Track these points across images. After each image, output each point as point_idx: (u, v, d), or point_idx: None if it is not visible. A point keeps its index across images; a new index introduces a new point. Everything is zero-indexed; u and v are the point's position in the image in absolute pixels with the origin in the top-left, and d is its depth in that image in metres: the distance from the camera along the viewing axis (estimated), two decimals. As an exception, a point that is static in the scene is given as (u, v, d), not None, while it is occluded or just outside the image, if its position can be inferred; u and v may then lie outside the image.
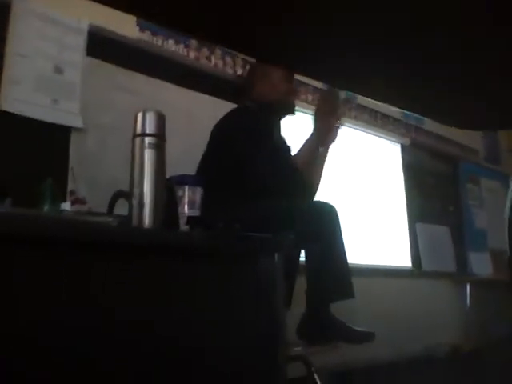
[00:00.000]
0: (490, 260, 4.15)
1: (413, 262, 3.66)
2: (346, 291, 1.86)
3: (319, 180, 2.13)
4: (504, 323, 3.44)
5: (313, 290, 1.83)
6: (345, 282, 1.86)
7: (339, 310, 1.90)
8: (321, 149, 2.08)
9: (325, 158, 2.12)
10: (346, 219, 1.98)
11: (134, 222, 1.21)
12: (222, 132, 2.01)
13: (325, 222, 1.84)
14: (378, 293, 3.04)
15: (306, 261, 1.88)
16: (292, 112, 2.16)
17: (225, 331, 1.24)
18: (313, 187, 2.09)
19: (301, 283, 1.87)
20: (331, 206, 1.89)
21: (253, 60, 2.56)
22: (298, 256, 1.97)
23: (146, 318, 1.11)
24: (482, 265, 4.08)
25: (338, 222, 1.88)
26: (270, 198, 1.83)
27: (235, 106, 2.24)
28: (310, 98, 3.16)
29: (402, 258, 3.64)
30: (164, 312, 1.14)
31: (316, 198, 2.02)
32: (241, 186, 1.86)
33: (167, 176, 1.35)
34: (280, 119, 2.16)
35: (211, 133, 2.05)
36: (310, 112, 2.99)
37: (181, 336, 1.17)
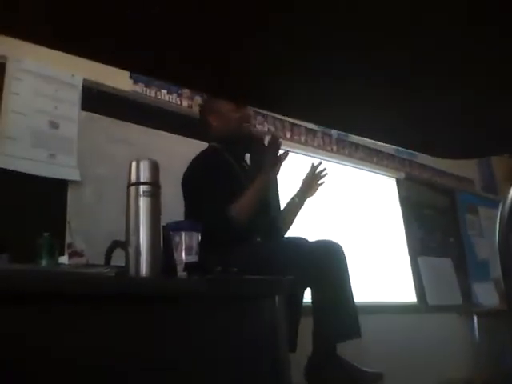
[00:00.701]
0: (495, 290, 4.10)
1: (418, 297, 3.62)
2: (353, 331, 1.84)
3: (289, 226, 2.27)
4: (515, 354, 3.36)
5: (319, 331, 1.80)
6: (351, 321, 1.84)
7: (346, 349, 1.86)
8: (296, 199, 2.26)
9: (299, 207, 2.27)
10: (349, 257, 1.97)
11: (131, 271, 1.21)
12: (183, 182, 2.04)
13: (332, 261, 1.85)
14: (384, 330, 2.99)
15: (312, 301, 1.86)
16: (249, 140, 2.18)
17: (226, 377, 1.22)
18: (281, 227, 2.19)
19: (308, 324, 1.85)
20: (338, 245, 1.90)
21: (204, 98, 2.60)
22: (302, 296, 1.95)
23: (148, 367, 1.10)
24: (487, 295, 4.02)
25: (345, 261, 1.89)
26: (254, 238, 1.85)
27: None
28: (302, 138, 3.21)
29: (407, 293, 3.60)
30: (165, 360, 1.13)
31: (322, 237, 2.01)
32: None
33: (163, 223, 1.35)
34: (242, 151, 2.19)
35: (181, 183, 2.07)
36: (303, 152, 3.04)
37: (181, 382, 1.15)
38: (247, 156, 2.26)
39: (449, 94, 0.53)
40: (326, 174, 2.30)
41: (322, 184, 2.30)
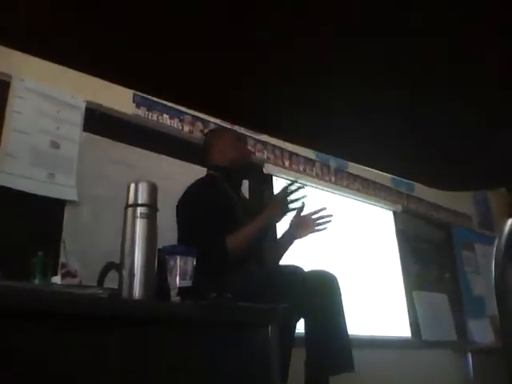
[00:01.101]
0: (490, 327, 4.06)
1: (412, 332, 3.58)
2: (347, 364, 1.81)
3: (280, 258, 2.24)
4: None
5: (312, 362, 1.78)
6: (345, 354, 1.81)
7: (338, 382, 1.83)
8: (288, 238, 2.24)
9: (286, 247, 2.25)
10: (344, 288, 1.96)
11: (124, 293, 1.20)
12: (178, 208, 2.04)
13: (326, 292, 1.83)
14: (377, 364, 2.95)
15: (305, 332, 1.84)
16: (249, 171, 2.20)
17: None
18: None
19: (301, 355, 1.82)
20: (332, 276, 1.89)
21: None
22: (295, 326, 1.93)
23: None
24: (482, 332, 3.99)
25: (339, 292, 1.87)
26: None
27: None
28: (301, 168, 3.23)
29: (401, 328, 3.56)
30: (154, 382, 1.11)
31: (317, 267, 2.00)
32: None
33: (159, 246, 1.35)
34: (240, 181, 2.21)
35: (176, 208, 2.06)
36: (301, 182, 3.05)
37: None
38: (244, 185, 2.28)
39: (447, 126, 0.54)
40: (303, 197, 2.05)
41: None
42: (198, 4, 0.32)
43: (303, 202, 2.09)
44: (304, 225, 2.22)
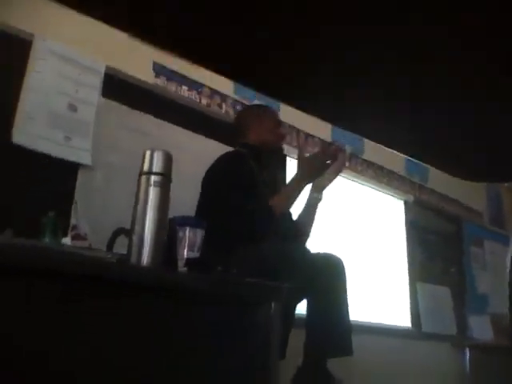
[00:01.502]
0: (491, 325, 4.06)
1: (412, 322, 3.59)
2: (345, 348, 1.82)
3: (311, 226, 2.18)
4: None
5: (311, 343, 1.79)
6: (345, 338, 1.83)
7: (336, 365, 1.85)
8: (315, 194, 2.16)
9: (316, 205, 2.18)
10: (348, 273, 1.96)
11: (133, 259, 1.21)
12: (208, 179, 2.04)
13: (332, 275, 1.83)
14: (375, 351, 2.97)
15: (307, 313, 1.85)
16: (280, 155, 2.20)
17: (214, 375, 1.21)
18: (299, 230, 2.12)
19: (299, 337, 1.83)
20: (339, 259, 1.89)
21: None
22: (295, 306, 1.94)
23: (137, 356, 1.09)
24: (482, 329, 3.99)
25: (345, 276, 1.87)
26: (261, 242, 1.83)
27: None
28: (316, 150, 3.21)
29: (402, 317, 3.58)
30: (154, 353, 1.12)
31: (323, 250, 2.00)
32: (234, 231, 1.86)
33: (170, 216, 1.35)
34: (269, 162, 2.21)
35: (203, 179, 2.07)
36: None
37: (170, 378, 1.14)
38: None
39: (468, 114, 0.53)
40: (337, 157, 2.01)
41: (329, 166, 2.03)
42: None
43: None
44: (312, 165, 2.02)
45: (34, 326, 0.97)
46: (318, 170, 2.00)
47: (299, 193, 2.01)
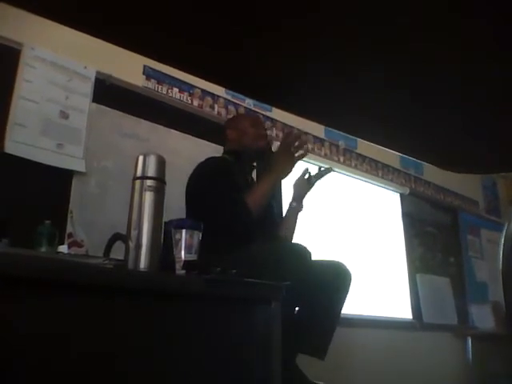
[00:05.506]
0: (492, 313, 4.08)
1: (413, 314, 3.60)
2: (319, 350, 1.83)
3: (292, 234, 2.19)
4: (507, 378, 3.34)
5: (288, 337, 1.79)
6: (324, 342, 1.84)
7: (335, 356, 1.85)
8: (294, 204, 2.19)
9: (297, 214, 2.19)
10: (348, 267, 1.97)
11: (130, 264, 1.21)
12: (188, 186, 2.04)
13: (336, 282, 1.87)
14: (377, 344, 2.98)
15: (298, 310, 1.86)
16: (262, 156, 2.19)
17: (215, 376, 1.21)
18: (282, 235, 2.13)
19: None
20: (347, 270, 1.93)
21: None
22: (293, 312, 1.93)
23: (137, 361, 1.09)
24: (483, 318, 4.00)
25: (349, 287, 1.91)
26: (248, 241, 1.83)
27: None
28: (310, 147, 3.21)
29: (403, 310, 3.59)
30: (155, 357, 1.12)
31: (321, 246, 2.01)
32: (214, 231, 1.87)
33: (166, 219, 1.35)
34: (252, 164, 2.22)
35: (185, 187, 2.06)
36: (310, 161, 3.04)
37: (171, 381, 1.14)
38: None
39: (460, 107, 0.53)
40: (303, 145, 2.03)
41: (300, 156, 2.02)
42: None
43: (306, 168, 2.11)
44: (279, 158, 2.01)
45: (32, 332, 0.97)
46: (286, 162, 1.99)
47: (273, 187, 2.02)
